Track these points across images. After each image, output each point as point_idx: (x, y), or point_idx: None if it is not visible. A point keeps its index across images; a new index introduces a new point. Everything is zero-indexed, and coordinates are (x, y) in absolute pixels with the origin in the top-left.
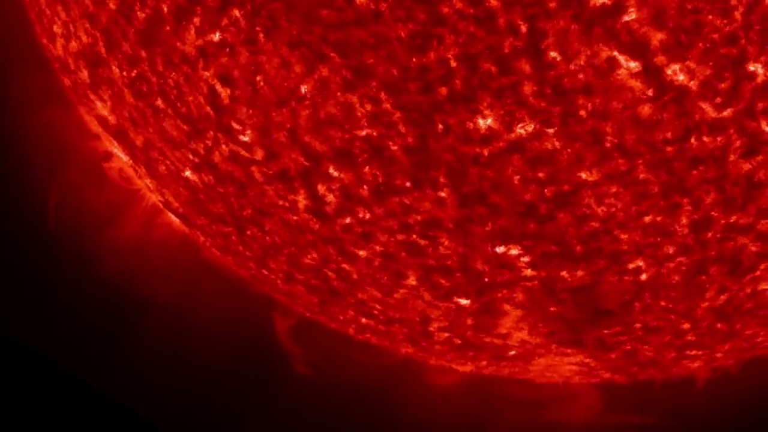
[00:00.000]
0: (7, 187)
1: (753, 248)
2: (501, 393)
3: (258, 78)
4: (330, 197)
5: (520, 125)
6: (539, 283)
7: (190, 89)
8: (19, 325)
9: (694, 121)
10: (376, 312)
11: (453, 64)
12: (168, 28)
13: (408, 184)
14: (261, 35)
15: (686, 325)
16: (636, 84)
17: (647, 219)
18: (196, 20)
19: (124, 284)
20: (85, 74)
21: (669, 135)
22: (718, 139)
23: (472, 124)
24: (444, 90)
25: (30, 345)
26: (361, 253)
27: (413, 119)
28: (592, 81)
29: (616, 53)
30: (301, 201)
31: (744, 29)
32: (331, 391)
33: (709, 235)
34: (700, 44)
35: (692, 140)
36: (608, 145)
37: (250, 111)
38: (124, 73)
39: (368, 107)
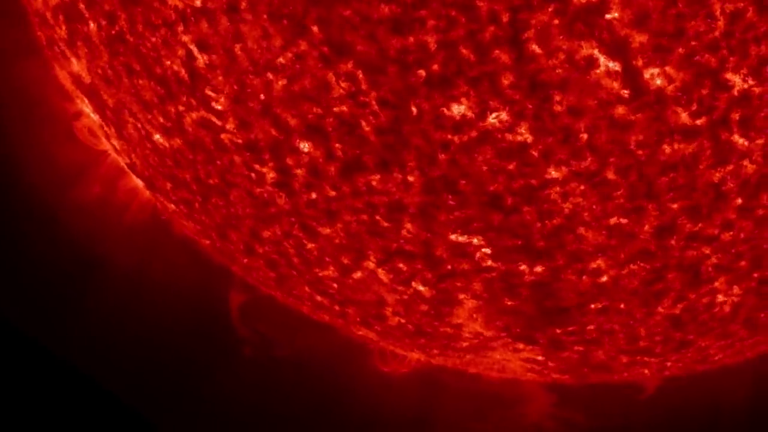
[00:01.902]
0: None
1: (714, 260)
2: (449, 383)
3: (236, 46)
4: (298, 171)
5: (493, 115)
6: (498, 275)
7: (167, 52)
8: None
9: (667, 127)
10: (332, 291)
11: (432, 47)
12: None
13: (376, 164)
14: (243, 3)
15: (641, 331)
16: (613, 84)
17: (612, 221)
18: None
19: (83, 245)
20: (63, 30)
21: (641, 138)
22: (690, 146)
23: (446, 110)
24: (422, 72)
25: None
26: (324, 230)
27: (388, 101)
28: (569, 77)
29: (596, 51)
30: (269, 173)
31: (725, 38)
32: (280, 368)
33: (672, 242)
34: (681, 50)
35: (664, 145)
36: (580, 143)
37: (226, 79)
38: (103, 32)
39: (344, 85)
